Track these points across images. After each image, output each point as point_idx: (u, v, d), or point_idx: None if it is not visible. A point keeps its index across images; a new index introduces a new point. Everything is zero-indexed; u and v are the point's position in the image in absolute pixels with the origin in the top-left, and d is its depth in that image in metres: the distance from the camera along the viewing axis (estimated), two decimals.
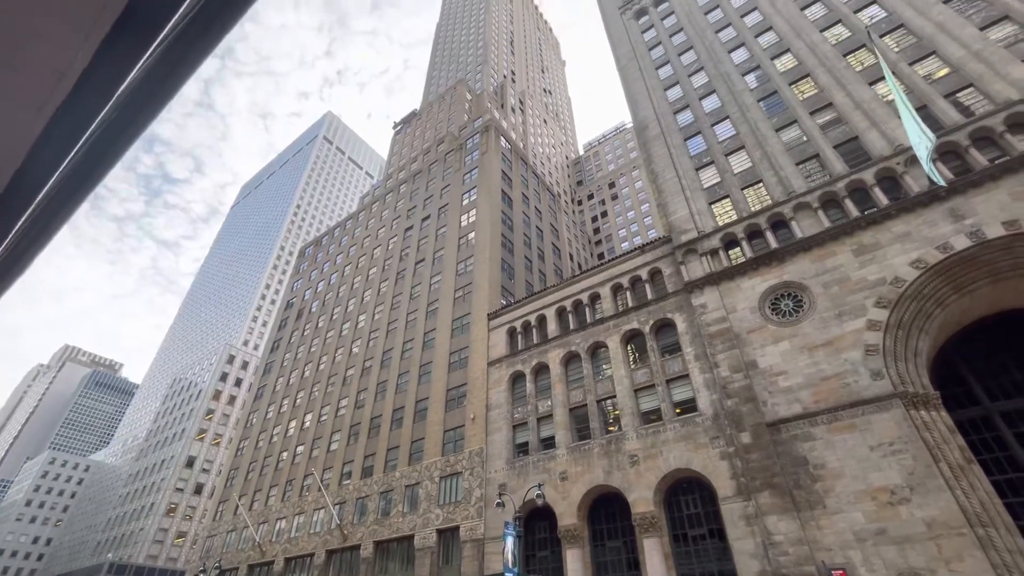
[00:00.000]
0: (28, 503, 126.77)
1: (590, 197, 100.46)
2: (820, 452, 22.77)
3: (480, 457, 34.71)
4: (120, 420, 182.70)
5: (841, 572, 17.23)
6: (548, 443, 32.60)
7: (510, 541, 22.39)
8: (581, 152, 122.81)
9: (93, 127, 2.31)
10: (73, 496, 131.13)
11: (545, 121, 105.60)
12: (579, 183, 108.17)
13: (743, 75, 38.75)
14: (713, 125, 38.11)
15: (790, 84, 35.36)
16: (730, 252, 31.10)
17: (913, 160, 26.56)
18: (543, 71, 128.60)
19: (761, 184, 32.74)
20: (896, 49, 31.34)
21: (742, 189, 33.30)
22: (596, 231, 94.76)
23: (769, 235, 29.64)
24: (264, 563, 43.93)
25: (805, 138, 32.42)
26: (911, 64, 30.33)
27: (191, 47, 2.07)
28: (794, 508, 22.24)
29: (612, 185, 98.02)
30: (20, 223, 2.58)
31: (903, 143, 27.46)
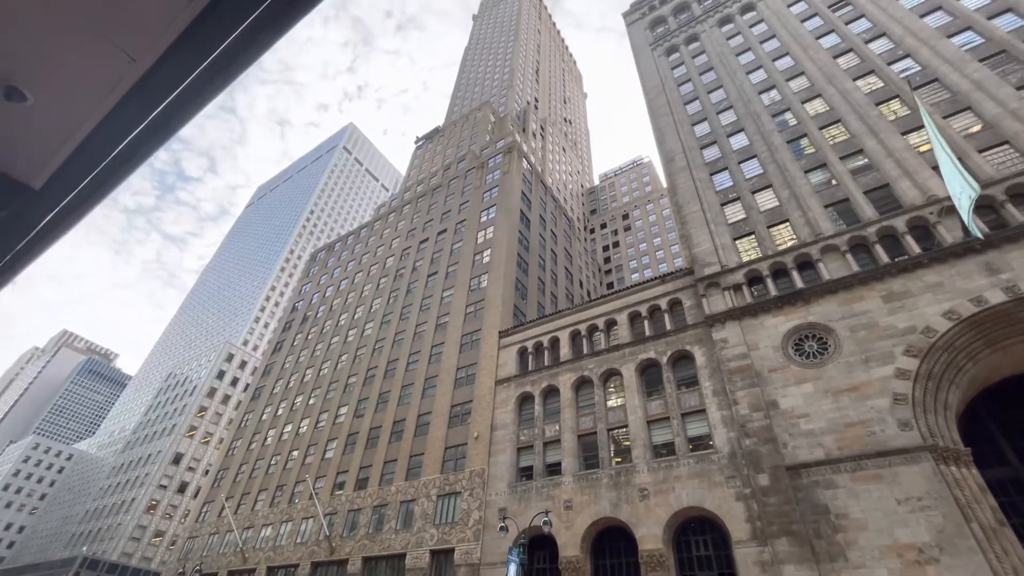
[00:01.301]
0: (5, 487, 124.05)
1: (603, 227, 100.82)
2: (843, 501, 21.87)
3: (481, 478, 33.66)
4: (108, 411, 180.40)
5: None
6: (554, 469, 31.62)
7: (513, 568, 21.39)
8: (596, 182, 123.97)
9: (146, 122, 2.38)
10: (52, 484, 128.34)
11: (564, 149, 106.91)
12: (592, 212, 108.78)
13: (773, 116, 39.08)
14: (740, 163, 38.22)
15: (820, 128, 35.56)
16: (753, 288, 30.72)
17: (947, 211, 26.38)
18: (565, 101, 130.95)
19: (788, 223, 32.56)
20: (930, 102, 31.54)
21: (768, 227, 33.11)
22: (607, 260, 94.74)
23: (795, 274, 29.28)
24: (245, 570, 42.33)
25: (835, 181, 32.38)
26: (945, 118, 30.47)
27: (243, 53, 2.18)
28: (813, 559, 21.22)
29: (626, 216, 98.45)
30: (59, 208, 2.60)
31: (936, 193, 27.33)
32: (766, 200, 34.67)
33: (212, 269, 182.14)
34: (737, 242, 33.80)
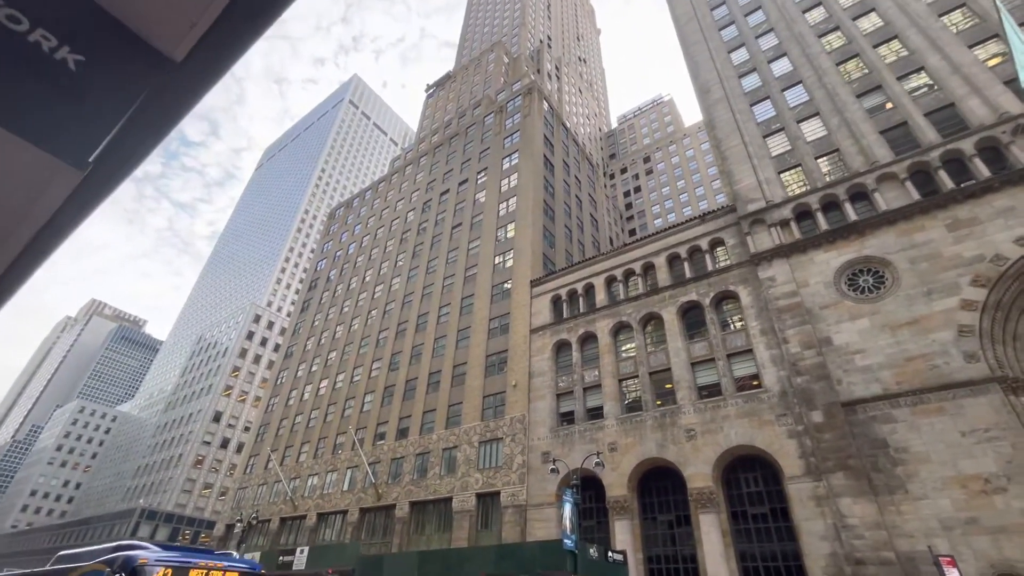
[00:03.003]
0: (59, 448, 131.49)
1: (623, 171, 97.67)
2: (903, 435, 21.49)
3: (522, 424, 34.07)
4: (144, 375, 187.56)
5: (949, 559, 16.18)
6: (595, 413, 31.76)
7: (568, 508, 21.67)
8: (615, 125, 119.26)
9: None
10: (101, 444, 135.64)
11: (580, 90, 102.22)
12: (612, 156, 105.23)
13: (819, 36, 36.10)
14: (784, 90, 35.74)
15: (875, 46, 32.78)
16: (802, 224, 29.32)
17: (1021, 129, 24.35)
18: (578, 39, 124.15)
19: (838, 153, 30.65)
20: (1010, 6, 28.57)
21: (816, 158, 31.24)
22: (628, 206, 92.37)
23: (847, 206, 27.77)
24: (296, 517, 44.44)
25: (891, 104, 30.10)
26: (1022, 25, 27.65)
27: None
28: (871, 491, 21.11)
29: (647, 160, 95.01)
30: (198, 83, 2.44)
31: (1009, 110, 25.19)
32: (813, 129, 32.56)
33: (228, 233, 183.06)
34: (782, 175, 32.08)
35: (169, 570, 9.77)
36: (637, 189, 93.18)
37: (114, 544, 12.20)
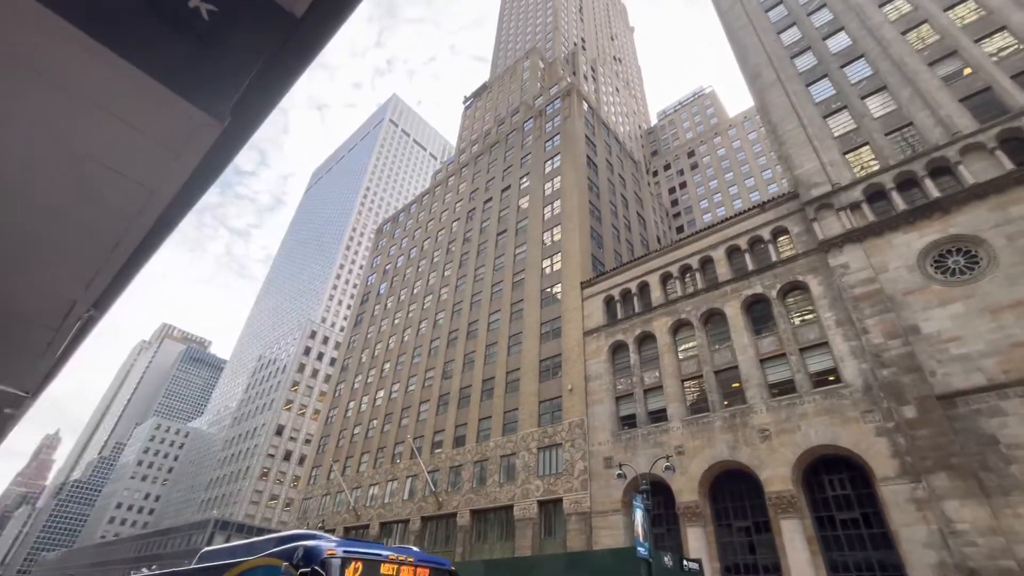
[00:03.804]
0: (139, 463, 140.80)
1: (667, 168, 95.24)
2: (1015, 430, 19.28)
3: (581, 429, 33.24)
4: (211, 392, 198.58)
5: None
6: (658, 416, 30.54)
7: (639, 514, 20.71)
8: (654, 121, 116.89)
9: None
10: (176, 459, 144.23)
11: (617, 90, 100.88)
12: (654, 153, 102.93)
13: (880, 6, 33.81)
14: (843, 66, 33.63)
15: (945, 9, 30.31)
16: (875, 205, 27.26)
17: None
18: (612, 38, 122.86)
19: (911, 127, 28.38)
20: None
21: (887, 134, 29.06)
22: (674, 203, 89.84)
23: (928, 183, 25.57)
24: (360, 526, 45.19)
25: (969, 70, 27.65)
26: None
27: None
28: (981, 493, 19.01)
29: (691, 154, 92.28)
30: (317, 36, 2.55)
31: None
32: (881, 104, 30.37)
33: (281, 255, 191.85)
34: (848, 156, 30.04)
35: (360, 563, 8.48)
36: (683, 185, 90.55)
37: (277, 536, 11.22)
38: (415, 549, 10.72)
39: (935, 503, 19.83)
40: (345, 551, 8.75)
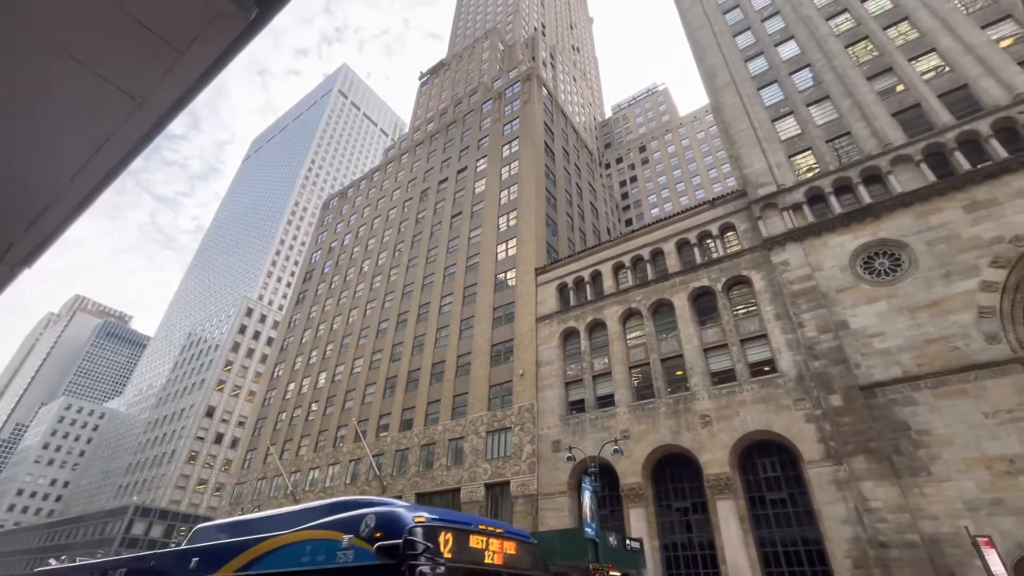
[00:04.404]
0: (45, 446, 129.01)
1: (618, 161, 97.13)
2: (924, 417, 21.34)
3: (531, 413, 33.61)
4: (132, 371, 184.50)
5: (986, 540, 16.00)
6: (606, 401, 31.38)
7: (588, 496, 21.24)
8: (608, 114, 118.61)
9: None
10: (89, 441, 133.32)
11: (574, 79, 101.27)
12: (607, 146, 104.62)
13: (827, 19, 35.69)
14: (791, 73, 35.33)
15: (885, 28, 32.44)
16: (814, 207, 29.01)
17: None
18: (571, 27, 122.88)
19: (849, 136, 30.34)
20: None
21: (827, 141, 30.92)
22: (624, 196, 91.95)
23: (861, 189, 27.51)
24: None
25: (902, 86, 29.81)
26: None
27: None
28: (893, 474, 20.96)
29: (643, 149, 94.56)
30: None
31: None
32: (824, 113, 32.22)
33: (215, 227, 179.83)
34: (793, 159, 31.73)
35: (450, 535, 7.00)
36: (633, 179, 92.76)
37: (328, 503, 8.99)
38: (494, 521, 9.15)
39: (853, 483, 21.67)
40: (432, 518, 7.21)
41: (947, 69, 28.68)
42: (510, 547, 7.85)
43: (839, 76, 32.45)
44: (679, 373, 29.80)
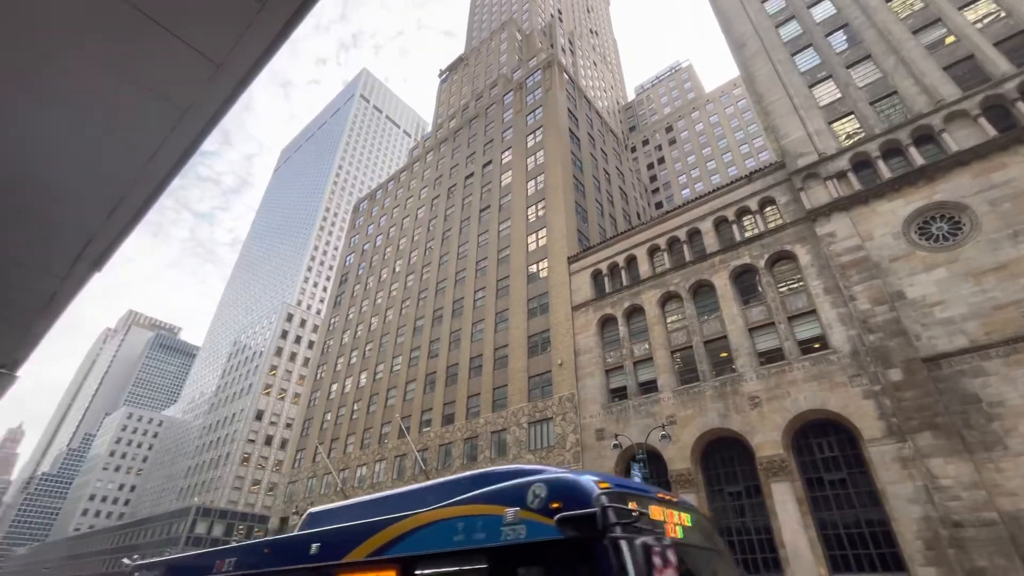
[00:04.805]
0: (112, 454, 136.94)
1: (644, 143, 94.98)
2: (997, 388, 20.00)
3: (572, 402, 33.35)
4: (183, 380, 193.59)
5: None
6: (648, 387, 30.80)
7: (638, 482, 20.86)
8: (631, 96, 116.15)
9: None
10: (150, 448, 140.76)
11: (595, 64, 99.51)
12: (631, 129, 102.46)
13: None
14: (828, 35, 33.56)
15: None
16: (860, 174, 27.52)
17: None
18: (588, 10, 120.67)
19: (896, 95, 28.60)
20: None
21: (871, 103, 29.24)
22: (652, 179, 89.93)
23: (912, 151, 25.88)
24: None
25: (952, 37, 27.86)
26: None
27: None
28: (965, 450, 19.75)
29: (669, 129, 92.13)
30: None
31: None
32: (866, 73, 30.47)
33: (252, 237, 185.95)
34: (833, 125, 30.18)
35: (635, 503, 6.03)
36: (661, 160, 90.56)
37: (468, 475, 7.93)
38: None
39: (920, 461, 20.54)
40: (618, 484, 6.21)
41: (1003, 15, 26.61)
42: (686, 519, 7.06)
43: (881, 33, 30.60)
44: (723, 355, 28.93)
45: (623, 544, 5.18)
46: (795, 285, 27.96)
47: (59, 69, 2.04)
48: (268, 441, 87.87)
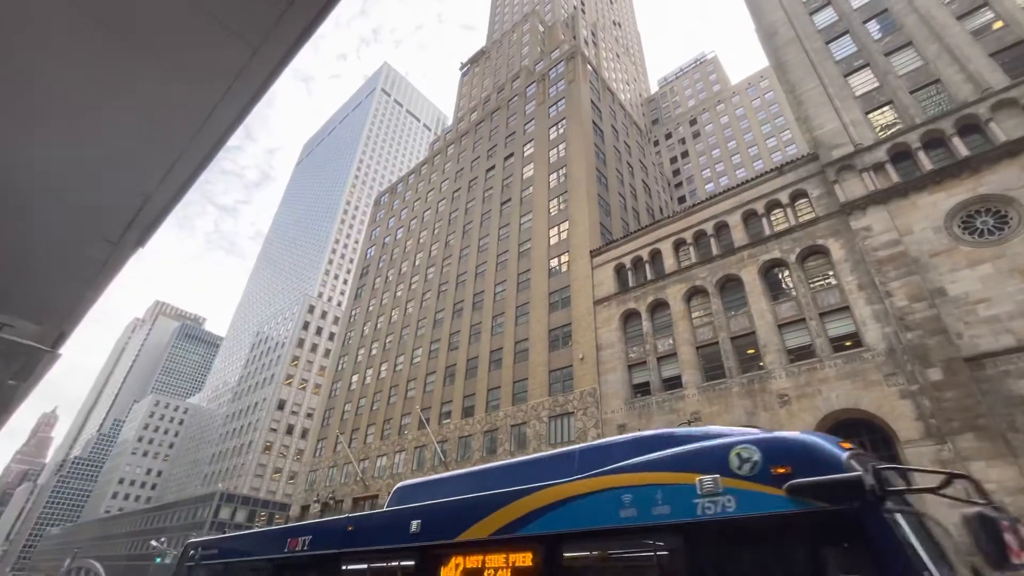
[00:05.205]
0: (140, 439, 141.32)
1: (668, 136, 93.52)
2: None
3: (593, 397, 33.03)
4: (208, 369, 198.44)
5: None
6: (673, 383, 30.29)
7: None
8: (655, 89, 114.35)
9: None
10: (176, 435, 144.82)
11: (617, 56, 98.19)
12: (654, 122, 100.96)
13: None
14: (865, 22, 32.32)
15: None
16: (899, 166, 26.48)
17: None
18: (611, 2, 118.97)
19: (938, 83, 27.40)
20: None
21: (912, 92, 28.08)
22: (675, 173, 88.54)
23: (956, 141, 24.78)
24: (368, 496, 45.37)
25: (1001, 22, 26.54)
26: None
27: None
28: (1010, 453, 18.90)
29: (693, 122, 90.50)
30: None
31: None
32: (906, 61, 29.26)
33: (274, 230, 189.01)
34: (870, 116, 29.07)
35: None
36: (684, 154, 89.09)
37: (628, 438, 7.04)
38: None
39: (960, 464, 19.73)
40: (853, 448, 5.14)
41: None
42: None
43: (923, 19, 29.33)
44: (750, 352, 28.26)
45: (902, 520, 4.14)
46: (827, 281, 27.11)
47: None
48: (289, 430, 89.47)
